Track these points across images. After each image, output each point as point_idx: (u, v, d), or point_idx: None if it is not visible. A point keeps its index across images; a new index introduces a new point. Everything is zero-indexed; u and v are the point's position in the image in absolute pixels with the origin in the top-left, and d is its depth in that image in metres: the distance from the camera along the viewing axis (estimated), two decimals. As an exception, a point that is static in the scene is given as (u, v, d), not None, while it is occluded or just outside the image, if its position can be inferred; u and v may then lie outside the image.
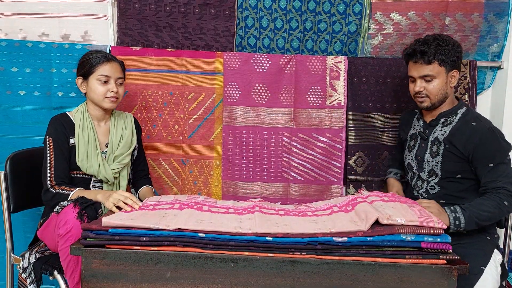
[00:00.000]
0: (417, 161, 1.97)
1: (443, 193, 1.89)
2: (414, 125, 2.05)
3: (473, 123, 1.84)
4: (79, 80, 1.97)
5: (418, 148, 1.98)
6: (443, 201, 1.86)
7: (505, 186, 1.73)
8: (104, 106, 1.96)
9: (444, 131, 1.89)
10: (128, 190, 2.12)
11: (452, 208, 1.71)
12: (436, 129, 1.92)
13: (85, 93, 1.99)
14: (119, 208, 1.64)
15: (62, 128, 1.91)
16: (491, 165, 1.76)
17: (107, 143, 2.02)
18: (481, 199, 1.74)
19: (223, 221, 1.49)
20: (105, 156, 1.99)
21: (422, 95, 1.88)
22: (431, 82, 1.85)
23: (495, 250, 1.79)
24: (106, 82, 1.93)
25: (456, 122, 1.88)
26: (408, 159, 2.03)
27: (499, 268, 1.76)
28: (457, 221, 1.68)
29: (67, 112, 1.99)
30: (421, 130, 1.98)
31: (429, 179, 1.92)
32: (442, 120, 1.92)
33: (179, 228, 1.41)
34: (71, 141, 1.92)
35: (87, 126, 1.96)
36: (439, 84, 1.85)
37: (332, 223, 1.49)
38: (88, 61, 1.94)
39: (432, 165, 1.90)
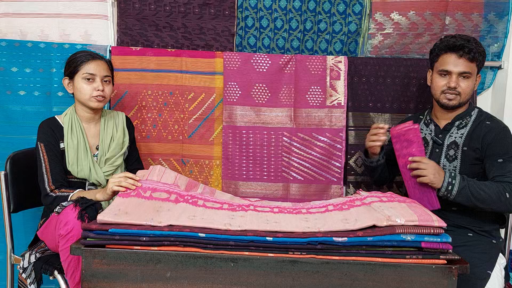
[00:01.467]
0: None
1: None
2: (421, 130, 1.99)
3: (487, 122, 1.85)
4: (66, 80, 1.96)
5: (431, 153, 1.93)
6: (455, 208, 1.84)
7: (511, 181, 1.71)
8: (90, 105, 1.93)
9: (461, 134, 1.87)
10: None
11: (452, 174, 1.72)
12: (452, 133, 1.89)
13: (72, 94, 1.97)
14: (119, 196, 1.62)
15: (51, 132, 1.90)
16: (501, 160, 1.76)
17: (98, 146, 2.00)
18: (488, 182, 1.74)
19: (215, 217, 1.49)
20: (97, 158, 1.98)
21: (455, 92, 1.83)
22: (465, 80, 1.82)
23: (500, 254, 1.79)
24: (91, 80, 1.91)
25: (471, 124, 1.87)
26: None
27: (503, 271, 1.76)
28: (450, 186, 1.68)
29: (55, 116, 1.98)
30: (434, 134, 1.94)
31: (446, 170, 1.87)
32: (457, 123, 1.89)
33: (170, 225, 1.41)
34: (61, 145, 1.91)
35: (75, 130, 1.94)
36: (472, 84, 1.84)
37: (323, 221, 1.49)
38: (73, 61, 1.92)
39: (449, 170, 1.87)
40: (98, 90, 1.91)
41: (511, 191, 1.70)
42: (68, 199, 1.78)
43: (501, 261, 1.78)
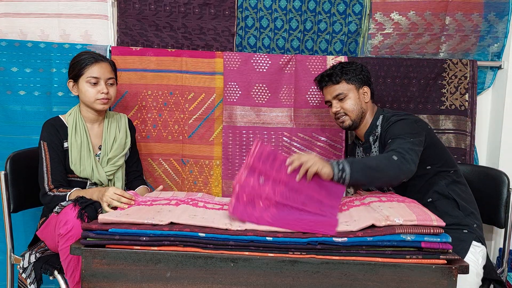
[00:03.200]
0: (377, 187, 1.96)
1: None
2: (358, 153, 2.10)
3: (386, 122, 1.90)
4: (70, 83, 1.97)
5: None
6: None
7: (395, 148, 1.67)
8: (95, 108, 1.94)
9: (376, 145, 1.94)
10: None
11: (334, 158, 1.71)
12: (372, 148, 1.96)
13: (77, 96, 1.98)
14: (115, 208, 1.63)
15: (55, 131, 1.91)
16: (390, 141, 1.77)
17: (101, 146, 2.01)
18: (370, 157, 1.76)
19: (215, 217, 1.50)
20: (99, 158, 1.99)
21: (341, 114, 1.96)
22: (344, 101, 1.95)
23: (474, 241, 1.74)
24: (95, 83, 1.92)
25: (379, 132, 1.92)
26: (371, 188, 2.00)
27: (481, 259, 1.72)
28: (340, 165, 1.56)
29: (60, 116, 1.98)
30: (363, 155, 2.03)
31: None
32: (371, 138, 1.96)
33: (171, 222, 1.42)
34: (65, 144, 1.92)
35: (79, 129, 1.95)
36: (353, 100, 1.95)
37: None
38: (77, 64, 1.93)
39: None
40: (103, 93, 1.92)
41: (396, 154, 1.64)
42: (67, 199, 1.78)
43: (478, 249, 1.72)
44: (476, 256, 1.71)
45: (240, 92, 2.35)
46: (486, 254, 1.78)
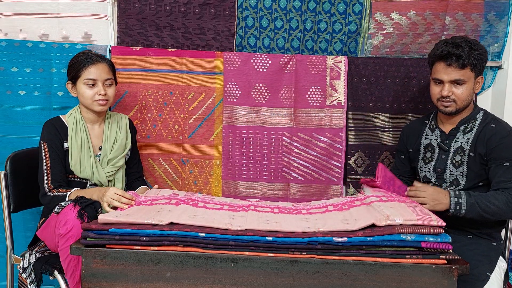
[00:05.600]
0: (436, 173, 1.91)
1: None
2: (427, 136, 1.98)
3: (492, 125, 1.82)
4: (69, 85, 1.97)
5: (437, 159, 1.91)
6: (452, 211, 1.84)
7: None
8: (94, 109, 1.94)
9: (467, 139, 1.84)
10: None
11: (457, 192, 1.71)
12: (458, 138, 1.87)
13: (77, 97, 1.98)
14: (115, 208, 1.63)
15: (56, 132, 1.91)
16: (507, 164, 1.74)
17: (101, 146, 2.01)
18: (492, 192, 1.73)
19: (216, 217, 1.50)
20: (99, 159, 1.99)
21: (450, 100, 1.81)
22: (460, 87, 1.79)
23: (500, 257, 1.78)
24: (93, 85, 1.91)
25: (477, 127, 1.84)
26: (425, 171, 1.96)
27: (503, 275, 1.76)
28: (457, 206, 1.67)
29: (60, 116, 1.98)
30: (440, 140, 1.92)
31: (449, 190, 1.85)
32: (462, 127, 1.87)
33: (171, 222, 1.42)
34: (65, 145, 1.92)
35: (80, 130, 1.94)
36: (468, 90, 1.80)
37: (323, 221, 1.50)
38: (74, 65, 1.92)
39: (456, 175, 1.86)
40: (100, 94, 1.91)
41: None
42: (66, 199, 1.78)
43: (501, 264, 1.77)
44: (500, 271, 1.74)
45: (240, 92, 2.35)
46: (506, 271, 1.81)
